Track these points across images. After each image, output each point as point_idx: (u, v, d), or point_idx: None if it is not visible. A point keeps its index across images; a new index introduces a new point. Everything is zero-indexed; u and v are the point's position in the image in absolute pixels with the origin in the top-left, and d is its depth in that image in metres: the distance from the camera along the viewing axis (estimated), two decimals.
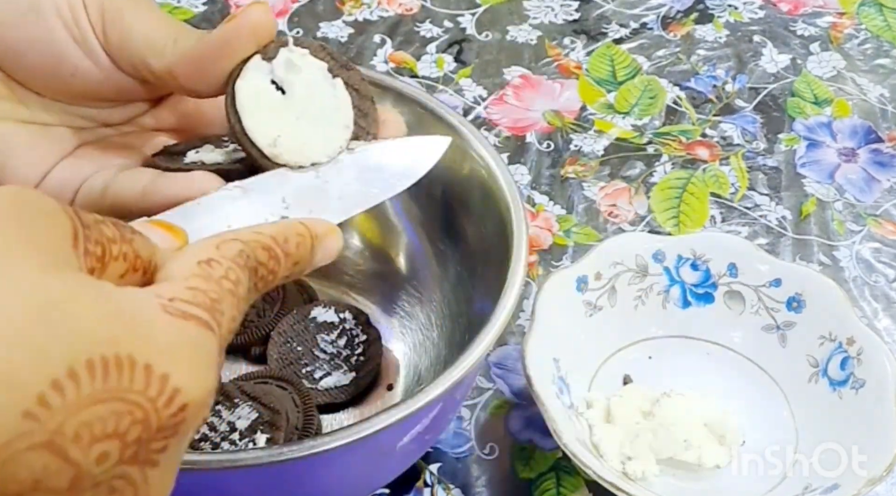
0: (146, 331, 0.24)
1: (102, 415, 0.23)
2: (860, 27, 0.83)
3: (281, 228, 0.31)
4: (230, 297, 0.27)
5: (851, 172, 0.72)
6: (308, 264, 0.33)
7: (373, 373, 0.56)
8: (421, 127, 0.55)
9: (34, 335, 0.22)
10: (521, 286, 0.47)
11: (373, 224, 0.59)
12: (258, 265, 0.30)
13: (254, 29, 0.36)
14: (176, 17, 0.80)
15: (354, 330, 0.56)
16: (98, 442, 0.23)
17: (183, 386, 0.24)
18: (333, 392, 0.55)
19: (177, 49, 0.37)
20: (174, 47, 0.37)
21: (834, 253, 0.66)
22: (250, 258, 0.29)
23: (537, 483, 0.55)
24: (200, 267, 0.27)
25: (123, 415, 0.23)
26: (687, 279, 0.58)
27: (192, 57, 0.37)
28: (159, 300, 0.25)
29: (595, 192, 0.69)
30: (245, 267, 0.29)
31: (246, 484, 0.44)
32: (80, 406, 0.22)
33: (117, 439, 0.23)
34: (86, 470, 0.23)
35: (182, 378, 0.24)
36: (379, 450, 0.46)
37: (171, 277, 0.27)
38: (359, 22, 0.81)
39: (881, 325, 0.62)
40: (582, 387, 0.55)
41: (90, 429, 0.22)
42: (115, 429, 0.23)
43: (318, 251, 0.33)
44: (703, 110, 0.75)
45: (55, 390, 0.22)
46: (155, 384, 0.24)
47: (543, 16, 0.82)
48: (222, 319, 0.27)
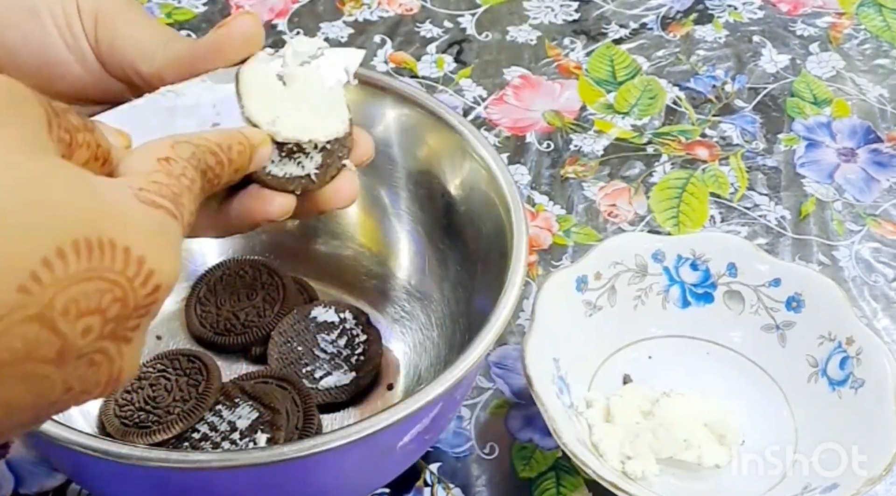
0: (124, 217, 0.26)
1: (87, 292, 0.24)
2: (859, 27, 0.83)
3: (224, 136, 0.34)
4: (188, 193, 0.30)
5: (851, 172, 0.72)
6: (244, 170, 0.35)
7: (373, 372, 0.56)
8: (421, 127, 0.56)
9: (24, 216, 0.23)
10: (521, 286, 0.47)
11: (373, 224, 0.59)
12: (207, 168, 0.32)
13: (245, 36, 0.38)
14: (176, 17, 0.80)
15: (355, 330, 0.56)
16: (83, 316, 0.24)
17: (156, 268, 0.26)
18: (334, 391, 0.55)
19: (167, 54, 0.38)
20: (164, 52, 0.38)
21: (833, 253, 0.66)
22: (201, 161, 0.32)
23: (537, 482, 0.55)
24: (160, 164, 0.29)
25: (105, 292, 0.25)
26: (686, 279, 0.58)
27: (181, 62, 0.38)
28: (132, 189, 0.27)
29: (595, 192, 0.69)
30: (197, 168, 0.31)
31: (246, 484, 0.44)
32: (68, 282, 0.24)
33: (99, 315, 0.25)
34: (72, 341, 0.24)
35: (155, 261, 0.26)
36: (379, 450, 0.46)
37: (135, 171, 0.29)
38: (359, 22, 0.81)
39: (880, 325, 0.62)
40: (582, 387, 0.55)
41: (76, 305, 0.24)
42: (97, 306, 0.25)
43: (255, 158, 0.35)
44: (703, 110, 0.75)
45: (45, 267, 0.23)
46: (133, 265, 0.25)
47: (543, 16, 0.83)
48: (183, 211, 0.29)
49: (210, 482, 0.44)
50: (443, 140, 0.55)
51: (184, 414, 0.50)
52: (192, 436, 0.50)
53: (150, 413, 0.51)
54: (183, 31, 0.79)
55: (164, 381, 0.52)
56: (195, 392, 0.51)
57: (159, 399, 0.51)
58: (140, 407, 0.51)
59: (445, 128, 0.54)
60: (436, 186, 0.56)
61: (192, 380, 0.52)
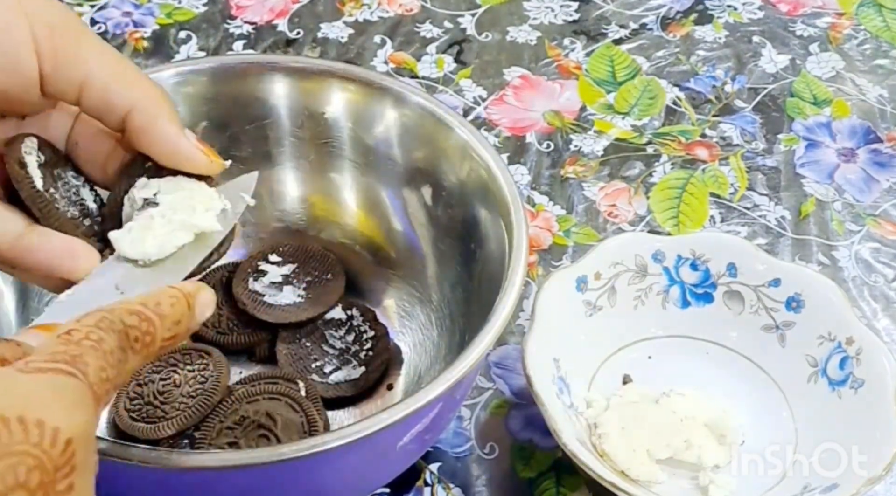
0: (8, 391, 0.26)
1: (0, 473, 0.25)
2: (859, 27, 0.83)
3: (151, 295, 0.34)
4: (92, 351, 0.30)
5: (850, 172, 0.72)
6: (192, 320, 0.35)
7: (382, 367, 0.56)
8: (421, 127, 0.56)
9: None
10: (521, 286, 0.47)
11: (373, 224, 0.59)
12: (127, 328, 0.32)
13: None
14: (176, 17, 0.80)
15: (362, 326, 0.57)
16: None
17: (60, 425, 0.26)
18: (344, 386, 0.55)
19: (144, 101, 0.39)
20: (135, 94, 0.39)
21: (833, 253, 0.66)
22: (115, 322, 0.31)
23: (537, 482, 0.55)
24: (60, 338, 0.30)
25: (18, 466, 0.25)
26: (686, 279, 0.58)
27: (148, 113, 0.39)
28: (15, 367, 0.28)
29: (595, 192, 0.69)
30: (110, 329, 0.31)
31: (246, 484, 0.44)
32: None
33: (22, 489, 0.25)
34: None
35: (56, 418, 0.26)
36: (379, 450, 0.46)
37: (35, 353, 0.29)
38: (359, 22, 0.81)
39: (880, 325, 0.62)
40: (582, 387, 0.55)
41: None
42: (16, 481, 0.25)
43: (196, 307, 0.35)
44: (703, 111, 0.75)
45: None
46: (34, 431, 0.26)
47: (543, 16, 0.83)
48: (87, 369, 0.29)
49: (210, 482, 0.44)
50: (443, 140, 0.55)
51: (189, 411, 0.50)
52: (195, 434, 0.50)
53: (158, 408, 0.51)
54: (183, 32, 0.79)
55: (174, 376, 0.52)
56: (202, 389, 0.51)
57: (167, 394, 0.51)
58: (148, 401, 0.51)
59: (445, 128, 0.54)
60: (436, 186, 0.56)
61: (201, 376, 0.52)
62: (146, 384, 0.52)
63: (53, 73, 0.37)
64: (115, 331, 0.31)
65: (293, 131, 0.58)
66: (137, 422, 0.51)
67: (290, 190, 0.60)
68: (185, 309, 0.35)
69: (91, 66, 0.38)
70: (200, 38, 0.78)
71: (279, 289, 0.57)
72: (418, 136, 0.56)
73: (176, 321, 0.34)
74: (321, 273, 0.58)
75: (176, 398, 0.51)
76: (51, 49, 0.37)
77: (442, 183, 0.56)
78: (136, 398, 0.52)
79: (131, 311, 0.32)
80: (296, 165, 0.59)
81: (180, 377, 0.52)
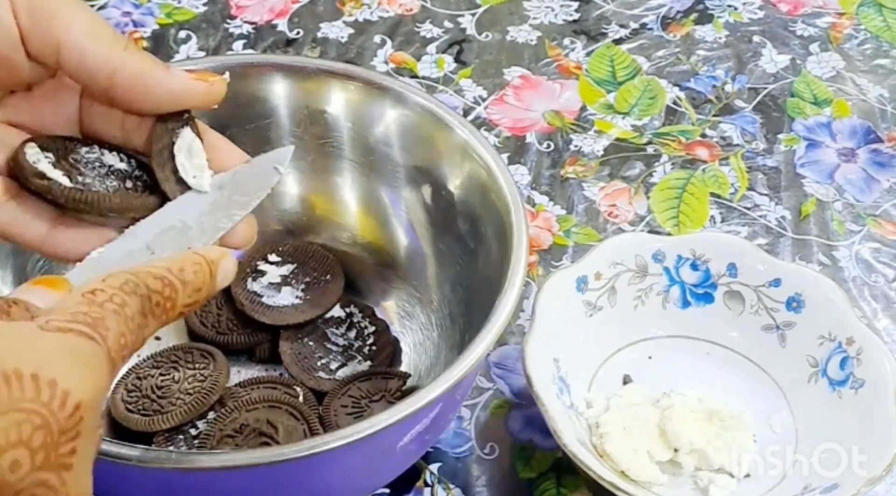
0: (27, 347, 0.26)
1: (4, 427, 0.25)
2: (859, 27, 0.83)
3: (176, 260, 0.34)
4: (114, 316, 0.29)
5: (851, 172, 0.72)
6: (211, 288, 0.35)
7: (388, 359, 0.56)
8: (421, 127, 0.56)
9: None
10: (521, 286, 0.47)
11: (373, 224, 0.59)
12: (150, 292, 0.31)
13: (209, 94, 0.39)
14: (176, 17, 0.80)
15: (362, 322, 0.57)
16: (6, 451, 0.25)
17: (72, 388, 0.26)
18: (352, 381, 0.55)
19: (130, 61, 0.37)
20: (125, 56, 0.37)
21: (833, 253, 0.66)
22: (139, 286, 0.31)
23: (537, 483, 0.55)
24: (85, 296, 0.30)
25: (24, 423, 0.25)
26: (686, 279, 0.58)
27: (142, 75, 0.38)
28: (36, 323, 0.28)
29: (595, 192, 0.69)
30: (133, 293, 0.31)
31: (246, 484, 0.44)
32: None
33: (23, 447, 0.25)
34: (2, 478, 0.25)
35: (69, 381, 0.26)
36: (379, 450, 0.46)
37: (57, 309, 0.29)
38: (359, 22, 0.81)
39: (880, 325, 0.62)
40: (582, 387, 0.55)
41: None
42: (19, 438, 0.25)
43: (218, 274, 0.35)
44: (703, 110, 0.75)
45: None
46: (45, 390, 0.25)
47: (543, 16, 0.83)
48: (107, 333, 0.29)
49: (210, 482, 0.44)
50: (443, 140, 0.55)
51: (185, 407, 0.50)
52: (190, 431, 0.50)
53: (155, 401, 0.51)
54: (183, 32, 0.79)
55: (174, 372, 0.52)
56: (200, 388, 0.51)
57: (166, 389, 0.52)
58: (146, 394, 0.52)
59: (445, 128, 0.54)
60: (436, 186, 0.56)
61: (201, 375, 0.52)
62: (146, 378, 0.52)
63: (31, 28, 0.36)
64: (139, 296, 0.31)
65: (293, 131, 0.58)
66: (133, 413, 0.51)
67: (289, 190, 0.60)
68: (207, 277, 0.34)
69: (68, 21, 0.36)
70: (200, 38, 0.78)
71: (278, 289, 0.57)
72: (418, 136, 0.56)
73: (197, 289, 0.34)
74: (320, 274, 0.58)
75: (173, 393, 0.51)
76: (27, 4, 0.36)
77: (442, 183, 0.55)
78: (134, 390, 0.52)
79: (156, 276, 0.32)
80: (295, 165, 0.59)
81: (180, 375, 0.52)
